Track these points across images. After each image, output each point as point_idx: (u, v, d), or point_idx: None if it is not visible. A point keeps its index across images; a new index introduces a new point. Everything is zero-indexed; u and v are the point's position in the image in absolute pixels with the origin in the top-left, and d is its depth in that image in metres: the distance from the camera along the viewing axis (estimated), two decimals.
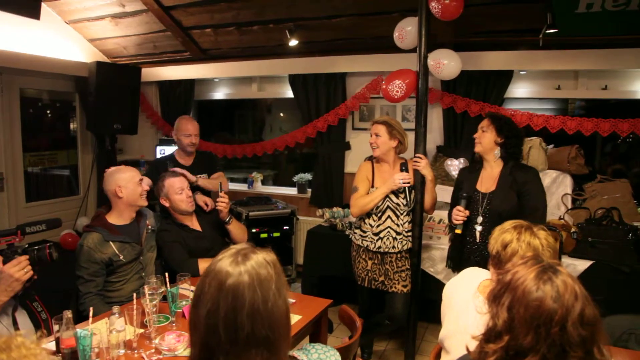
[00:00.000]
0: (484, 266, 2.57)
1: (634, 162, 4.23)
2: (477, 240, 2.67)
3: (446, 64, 2.96)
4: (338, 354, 1.20)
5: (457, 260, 2.87)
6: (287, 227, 4.65)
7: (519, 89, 4.26)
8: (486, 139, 2.67)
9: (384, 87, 3.17)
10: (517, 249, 1.54)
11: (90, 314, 1.75)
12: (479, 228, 2.67)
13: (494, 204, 2.62)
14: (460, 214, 2.65)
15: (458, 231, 2.68)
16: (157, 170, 3.42)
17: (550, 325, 0.97)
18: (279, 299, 1.00)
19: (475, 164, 2.85)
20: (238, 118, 6.17)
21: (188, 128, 3.46)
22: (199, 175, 3.43)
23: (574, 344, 0.97)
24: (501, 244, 1.59)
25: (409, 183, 2.85)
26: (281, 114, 5.97)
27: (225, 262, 1.01)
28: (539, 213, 2.56)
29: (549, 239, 1.57)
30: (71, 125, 5.93)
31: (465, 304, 1.65)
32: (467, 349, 1.11)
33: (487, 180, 2.71)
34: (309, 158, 5.39)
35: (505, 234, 1.59)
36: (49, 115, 5.92)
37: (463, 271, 1.83)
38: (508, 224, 1.65)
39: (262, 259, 1.03)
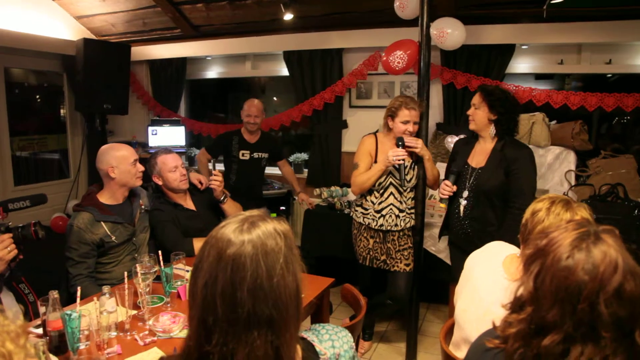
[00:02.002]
0: (468, 242, 2.52)
1: (631, 141, 4.15)
2: (461, 215, 2.61)
3: (450, 33, 2.84)
4: (350, 334, 1.10)
5: (444, 234, 2.85)
6: (284, 208, 4.55)
7: (521, 64, 4.15)
8: (479, 117, 2.55)
9: (384, 58, 3.06)
10: (543, 218, 1.43)
11: (78, 294, 1.64)
12: (463, 202, 2.60)
13: (480, 181, 2.53)
14: (447, 188, 2.58)
15: (443, 205, 2.64)
16: (222, 143, 3.94)
17: (578, 300, 0.86)
18: (288, 274, 0.88)
19: (473, 136, 2.73)
20: (231, 99, 6.03)
21: (251, 110, 3.82)
22: (259, 154, 3.91)
23: (607, 324, 0.85)
24: (531, 211, 1.48)
25: (403, 160, 2.72)
26: (274, 98, 5.83)
27: (229, 228, 0.89)
28: (524, 194, 2.39)
29: (585, 216, 1.43)
30: (61, 110, 5.79)
31: (485, 278, 1.56)
32: (494, 324, 1.01)
33: (479, 155, 2.61)
34: (304, 139, 5.28)
35: (538, 203, 1.48)
36: (38, 98, 5.79)
37: (488, 244, 1.73)
38: (546, 195, 1.55)
39: (272, 228, 0.90)
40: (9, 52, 4.84)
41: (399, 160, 2.68)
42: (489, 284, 1.54)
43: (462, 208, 2.60)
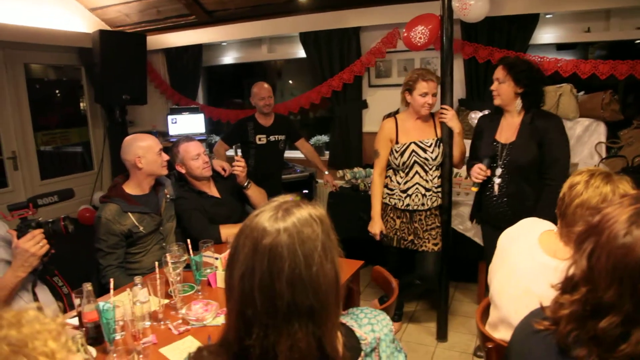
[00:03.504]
0: (504, 220, 2.45)
1: None
2: (495, 193, 2.54)
3: (473, 4, 2.74)
4: (388, 317, 1.07)
5: (477, 215, 2.78)
6: (307, 191, 4.53)
7: (545, 34, 4.00)
8: (504, 91, 2.46)
9: (405, 34, 2.97)
10: (581, 191, 1.36)
11: (111, 285, 1.65)
12: (497, 180, 2.54)
13: (513, 156, 2.46)
14: (482, 172, 2.51)
15: (474, 189, 2.60)
16: (238, 131, 3.96)
17: (638, 279, 0.80)
18: (327, 262, 0.84)
19: (497, 111, 2.64)
20: (248, 86, 5.99)
21: (261, 93, 3.80)
22: (276, 136, 3.89)
23: None
24: (569, 184, 1.42)
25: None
26: (290, 81, 5.77)
27: (263, 217, 0.85)
28: (559, 164, 2.37)
29: (627, 189, 1.35)
30: (81, 103, 5.85)
31: (522, 256, 1.50)
32: (541, 305, 0.96)
33: (508, 130, 2.53)
34: (324, 121, 5.22)
35: (576, 176, 1.41)
36: (58, 93, 5.86)
37: (521, 221, 1.67)
38: (585, 167, 1.48)
39: (307, 214, 0.86)
40: (27, 48, 4.89)
41: (480, 180, 2.57)
42: (526, 262, 1.48)
43: (496, 187, 2.53)
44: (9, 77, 4.82)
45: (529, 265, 1.45)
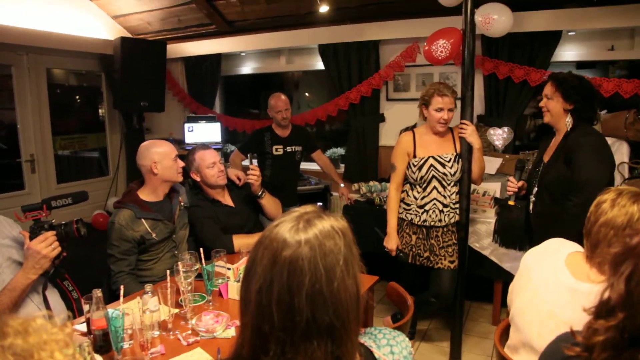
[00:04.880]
0: (536, 241, 2.37)
1: None
2: (530, 213, 2.47)
3: (496, 19, 2.69)
4: (407, 339, 1.02)
5: (504, 235, 2.65)
6: (320, 204, 4.49)
7: (567, 52, 3.94)
8: (553, 107, 2.33)
9: (426, 48, 2.93)
10: (606, 210, 1.30)
11: (121, 292, 1.62)
12: (532, 199, 2.47)
13: (542, 174, 2.39)
14: (511, 185, 2.45)
15: (511, 202, 2.51)
16: (254, 142, 3.91)
17: None
18: (348, 277, 0.80)
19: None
20: (265, 97, 5.99)
21: (279, 105, 3.76)
22: (293, 147, 3.86)
23: None
24: (596, 203, 1.35)
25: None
26: (306, 94, 5.76)
27: (283, 227, 0.81)
28: (582, 189, 2.12)
29: None
30: (100, 110, 5.93)
31: (547, 278, 1.44)
32: (571, 330, 0.90)
33: (552, 149, 2.43)
34: (339, 134, 5.19)
35: (604, 194, 1.35)
36: (77, 99, 5.93)
37: (547, 241, 1.60)
38: (615, 187, 1.42)
39: (329, 226, 0.82)
40: (50, 53, 4.96)
41: (511, 192, 2.52)
42: (551, 284, 1.42)
43: (531, 205, 2.47)
44: (32, 81, 4.89)
45: (555, 288, 1.39)
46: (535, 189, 2.45)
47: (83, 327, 1.71)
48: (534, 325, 1.42)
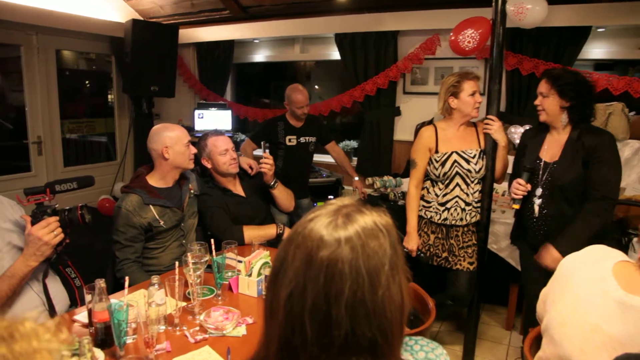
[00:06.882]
0: (543, 242, 2.25)
1: None
2: (536, 215, 2.35)
3: (530, 8, 2.54)
4: (445, 350, 0.90)
5: (516, 237, 2.59)
6: (332, 197, 4.37)
7: (594, 49, 3.79)
8: (549, 105, 2.25)
9: (452, 38, 2.79)
10: None
11: (126, 284, 1.50)
12: (537, 201, 2.33)
13: (554, 175, 2.26)
14: (521, 188, 2.31)
15: (515, 206, 2.39)
16: (267, 131, 3.77)
17: None
18: (394, 284, 0.67)
19: (541, 126, 2.42)
20: (275, 87, 5.88)
21: (300, 100, 3.59)
22: (307, 138, 3.73)
23: None
24: None
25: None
26: (316, 86, 5.63)
27: (319, 222, 0.69)
28: (610, 186, 2.14)
29: None
30: (109, 95, 5.84)
31: (591, 289, 1.30)
32: (635, 355, 0.78)
33: (553, 147, 2.32)
34: (350, 127, 5.06)
35: None
36: (87, 83, 5.86)
37: (590, 247, 1.47)
38: None
39: (372, 222, 0.69)
40: (59, 34, 4.86)
41: (519, 195, 2.38)
42: (596, 296, 1.29)
43: (536, 208, 2.34)
44: (41, 62, 4.80)
45: (601, 301, 1.26)
46: (539, 189, 2.33)
47: (84, 318, 1.61)
48: (575, 339, 1.29)
